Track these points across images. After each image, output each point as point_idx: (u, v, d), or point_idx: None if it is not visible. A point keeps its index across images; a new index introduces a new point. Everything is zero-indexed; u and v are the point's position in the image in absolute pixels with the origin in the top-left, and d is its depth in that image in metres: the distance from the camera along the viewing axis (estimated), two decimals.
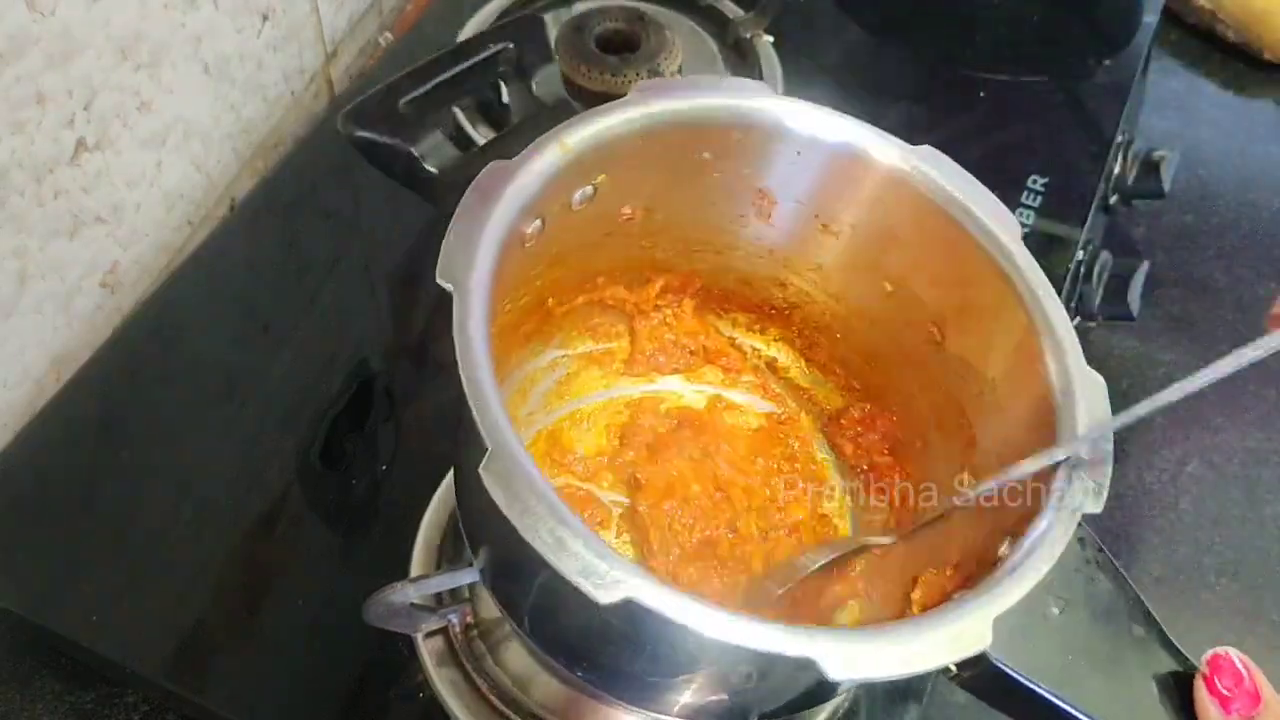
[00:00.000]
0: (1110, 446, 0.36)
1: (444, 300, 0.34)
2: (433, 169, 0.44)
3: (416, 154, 0.44)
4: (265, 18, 0.69)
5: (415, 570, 0.51)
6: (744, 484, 0.50)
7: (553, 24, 0.76)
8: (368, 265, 0.67)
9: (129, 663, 0.50)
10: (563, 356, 0.51)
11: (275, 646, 0.51)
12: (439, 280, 0.34)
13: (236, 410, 0.59)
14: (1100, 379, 0.38)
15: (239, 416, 0.58)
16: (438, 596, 0.49)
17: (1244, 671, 0.34)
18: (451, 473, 0.53)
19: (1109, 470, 0.35)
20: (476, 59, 0.49)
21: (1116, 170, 0.72)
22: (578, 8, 0.77)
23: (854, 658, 0.30)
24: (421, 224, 0.68)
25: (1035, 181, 0.68)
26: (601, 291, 0.49)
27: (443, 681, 0.48)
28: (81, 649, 0.50)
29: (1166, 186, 0.70)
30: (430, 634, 0.49)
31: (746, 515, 0.49)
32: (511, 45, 0.49)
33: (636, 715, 0.46)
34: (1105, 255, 0.67)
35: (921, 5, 0.84)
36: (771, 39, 0.77)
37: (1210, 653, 0.35)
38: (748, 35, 0.76)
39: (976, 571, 0.37)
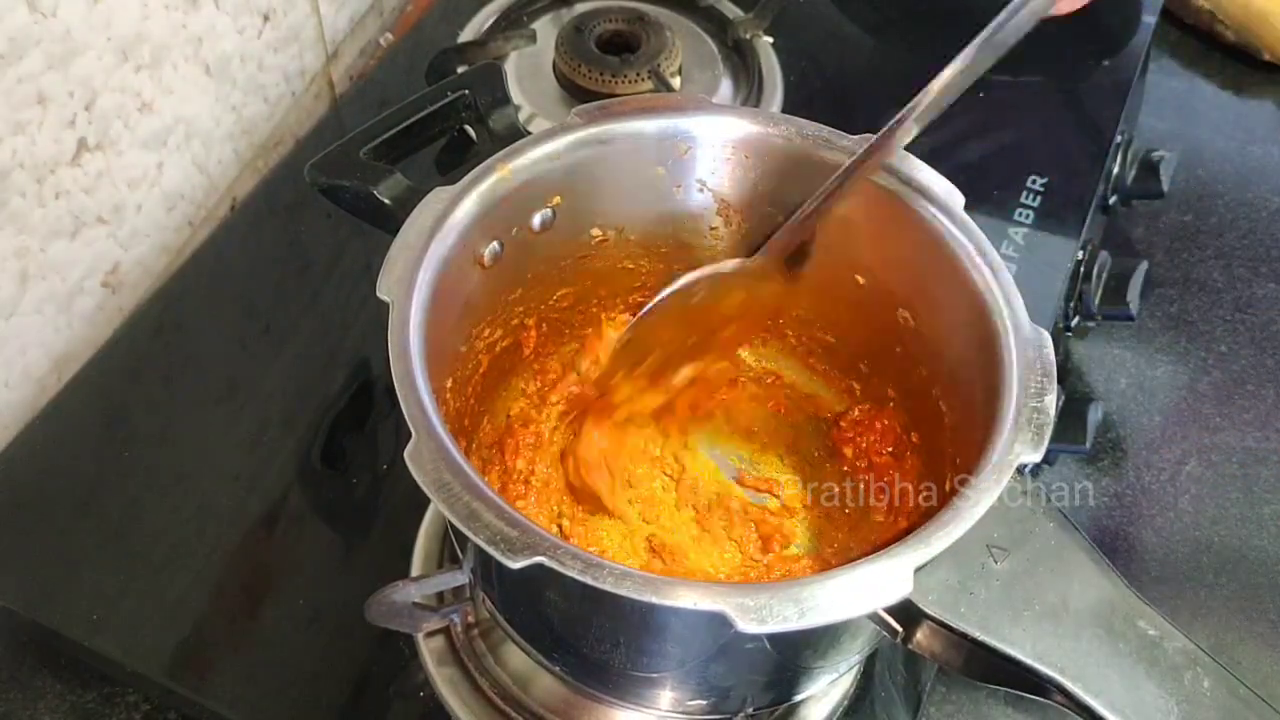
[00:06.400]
0: (1052, 396, 0.36)
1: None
2: (386, 200, 0.48)
3: (376, 193, 0.48)
4: (266, 18, 0.69)
5: (416, 569, 0.51)
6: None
7: (553, 24, 0.76)
8: (368, 265, 0.67)
9: (130, 662, 0.50)
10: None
11: (276, 646, 0.51)
12: (379, 294, 0.37)
13: (237, 410, 0.59)
14: (1046, 335, 0.38)
15: (239, 416, 0.58)
16: (439, 596, 0.49)
17: None
18: None
19: (1049, 418, 0.36)
20: (434, 108, 0.52)
21: (1116, 170, 0.72)
22: (578, 8, 0.77)
23: (764, 609, 0.31)
24: None
25: (1035, 181, 0.68)
26: (599, 314, 0.50)
27: (444, 681, 0.48)
28: (82, 648, 0.50)
29: (1165, 187, 0.70)
30: (431, 633, 0.49)
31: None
32: (468, 92, 0.52)
33: (636, 714, 0.47)
34: (1104, 255, 0.67)
35: (920, 5, 0.85)
36: (771, 39, 0.77)
37: None
38: (747, 36, 0.76)
39: None
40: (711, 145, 0.45)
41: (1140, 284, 0.65)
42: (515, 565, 0.31)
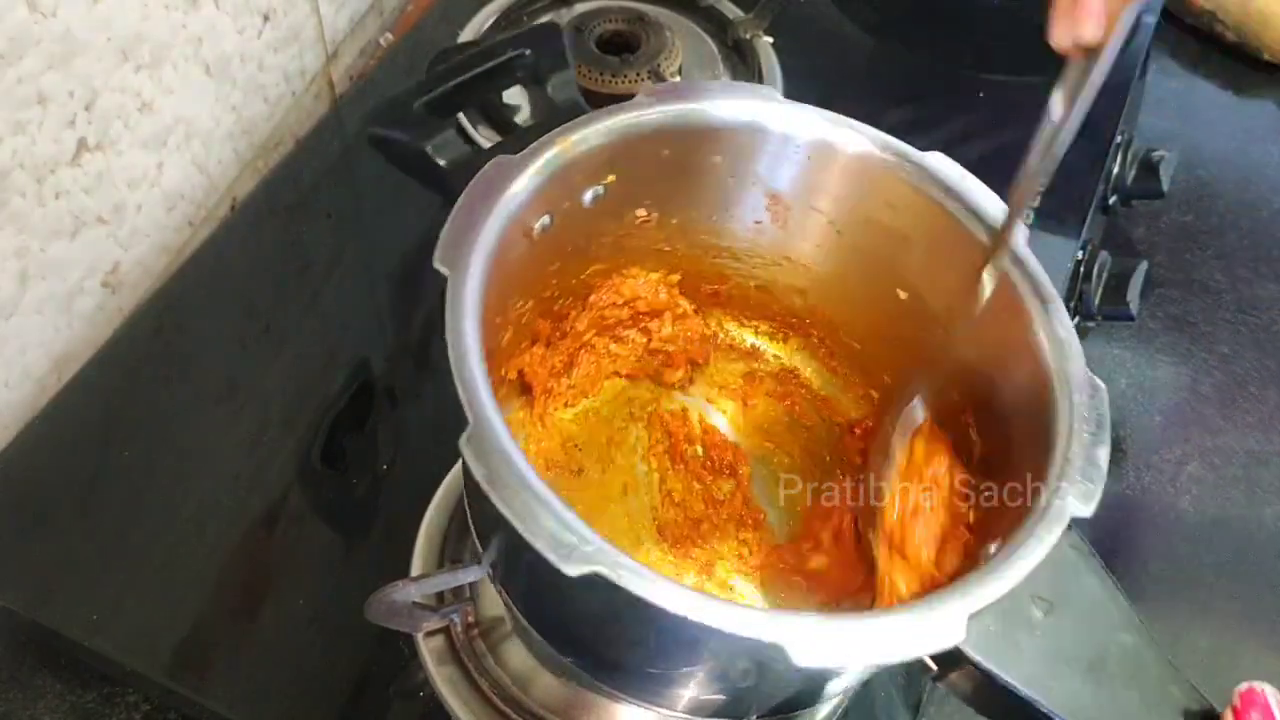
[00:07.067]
0: (1106, 450, 0.36)
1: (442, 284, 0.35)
2: (442, 163, 0.46)
3: (429, 150, 0.46)
4: (266, 18, 0.69)
5: (416, 569, 0.51)
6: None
7: None
8: (368, 265, 0.67)
9: (130, 662, 0.50)
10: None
11: (276, 645, 0.51)
12: (436, 265, 0.35)
13: (236, 410, 0.59)
14: (1101, 385, 0.37)
15: (239, 416, 0.58)
16: (439, 595, 0.49)
17: (1278, 713, 0.33)
18: (458, 465, 0.53)
19: (1102, 473, 0.35)
20: (493, 63, 0.50)
21: (1116, 170, 0.72)
22: (578, 9, 0.77)
23: (821, 644, 0.30)
24: (423, 225, 0.69)
25: None
26: (622, 284, 0.49)
27: (444, 680, 0.48)
28: (82, 648, 0.50)
29: (1165, 186, 0.70)
30: (431, 633, 0.49)
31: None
32: (528, 52, 0.50)
33: (636, 712, 0.46)
34: (1104, 255, 0.67)
35: (921, 6, 0.85)
36: (771, 40, 0.77)
37: (1245, 686, 0.34)
38: (747, 36, 0.76)
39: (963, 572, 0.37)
40: (776, 140, 0.44)
41: (1140, 284, 0.65)
42: (573, 574, 0.30)
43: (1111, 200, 0.71)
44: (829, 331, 0.50)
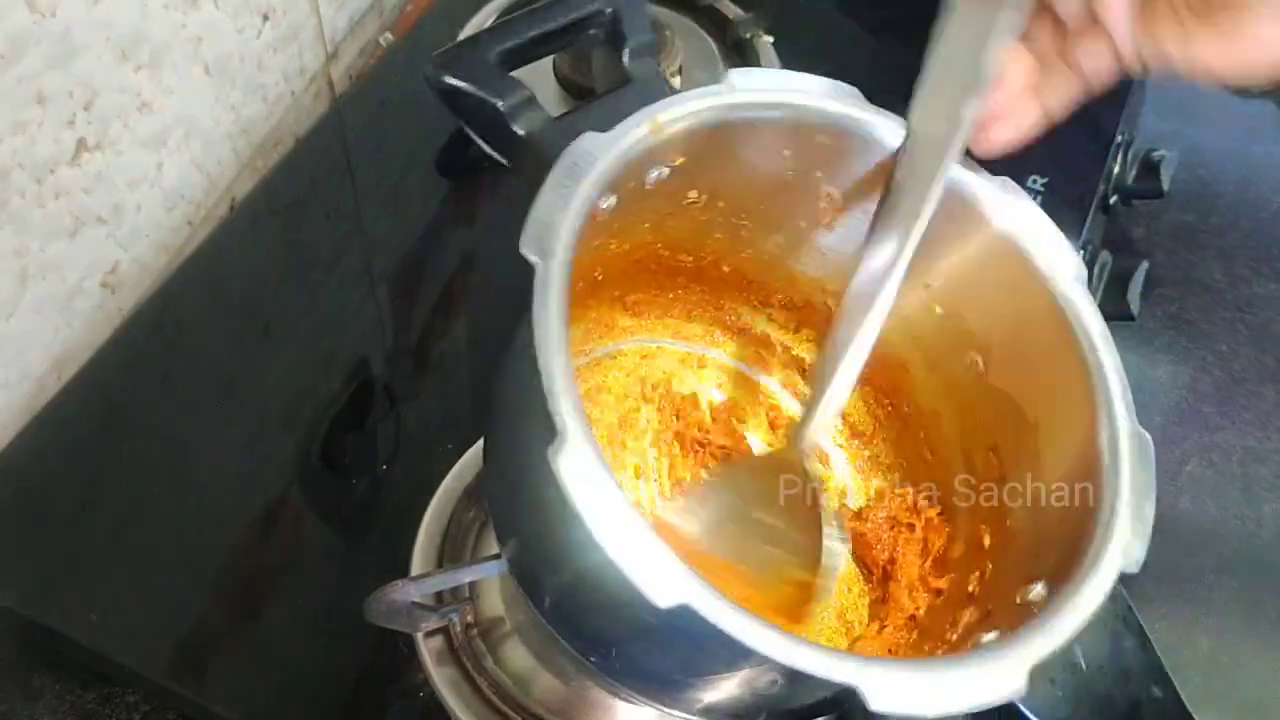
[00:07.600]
0: (1152, 506, 0.35)
1: (520, 270, 0.33)
2: (520, 130, 0.44)
3: (503, 109, 0.43)
4: (266, 18, 0.69)
5: (416, 569, 0.51)
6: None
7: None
8: (368, 265, 0.67)
9: (129, 662, 0.50)
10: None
11: (275, 646, 0.51)
12: (523, 251, 0.33)
13: (236, 410, 0.59)
14: (1148, 438, 0.37)
15: (239, 416, 0.58)
16: (438, 595, 0.49)
17: None
18: (458, 465, 0.53)
19: (1149, 528, 0.34)
20: (571, 18, 0.47)
21: (1116, 170, 0.72)
22: None
23: (898, 691, 0.29)
24: (422, 225, 0.69)
25: (1035, 181, 0.68)
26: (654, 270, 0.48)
27: (443, 680, 0.48)
28: (82, 648, 0.50)
29: (1166, 186, 0.70)
30: (430, 633, 0.49)
31: None
32: (609, 10, 0.48)
33: (637, 712, 0.47)
34: (1105, 255, 0.67)
35: (921, 5, 0.84)
36: (771, 39, 0.77)
37: None
38: (747, 36, 0.76)
39: (996, 609, 0.37)
40: (849, 144, 0.42)
41: (1140, 284, 0.65)
42: (663, 604, 0.29)
43: (1112, 200, 0.71)
44: None
